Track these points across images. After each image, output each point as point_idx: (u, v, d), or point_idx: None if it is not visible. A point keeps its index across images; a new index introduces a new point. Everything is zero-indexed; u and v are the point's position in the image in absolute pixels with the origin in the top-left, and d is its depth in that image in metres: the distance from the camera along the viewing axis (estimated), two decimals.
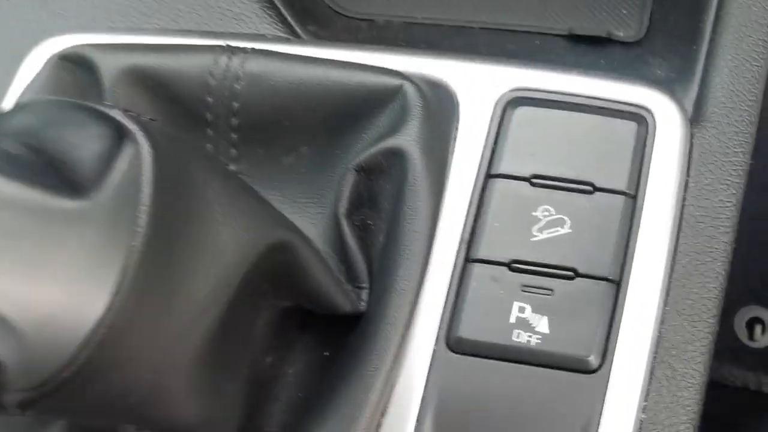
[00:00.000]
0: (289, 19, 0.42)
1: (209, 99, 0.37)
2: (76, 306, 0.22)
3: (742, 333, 0.92)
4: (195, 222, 0.26)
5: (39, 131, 0.23)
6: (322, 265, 0.33)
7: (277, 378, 0.37)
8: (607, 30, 0.46)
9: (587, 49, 0.47)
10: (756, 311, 0.92)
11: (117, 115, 0.24)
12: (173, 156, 0.25)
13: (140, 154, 0.23)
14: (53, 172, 0.22)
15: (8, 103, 0.40)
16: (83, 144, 0.23)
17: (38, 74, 0.39)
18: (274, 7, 0.42)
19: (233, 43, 0.38)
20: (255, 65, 0.37)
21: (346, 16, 0.49)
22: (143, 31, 0.42)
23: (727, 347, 0.91)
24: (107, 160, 0.23)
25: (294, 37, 0.42)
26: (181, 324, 0.26)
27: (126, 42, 0.39)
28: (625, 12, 0.48)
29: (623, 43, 0.47)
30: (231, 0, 0.42)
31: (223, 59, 0.37)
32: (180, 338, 0.27)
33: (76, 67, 0.38)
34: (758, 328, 0.92)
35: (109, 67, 0.37)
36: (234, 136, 0.38)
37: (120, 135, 0.24)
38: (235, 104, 0.37)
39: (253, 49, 0.37)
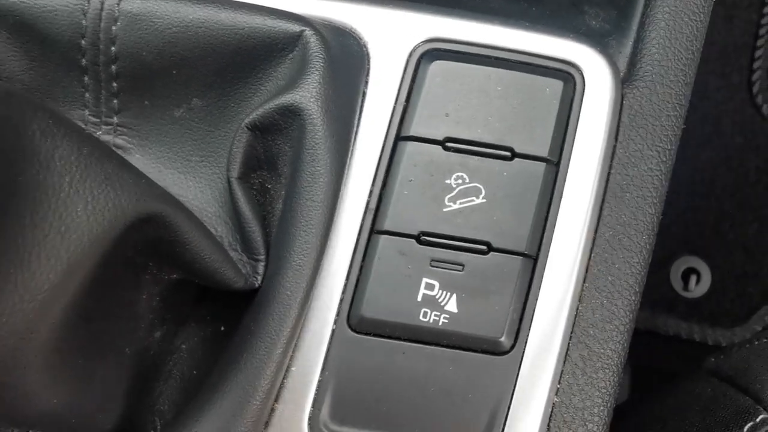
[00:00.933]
0: None
1: (83, 42, 0.32)
2: None
3: (677, 283, 0.92)
4: (35, 197, 0.22)
5: None
6: (206, 238, 0.29)
7: (170, 353, 0.34)
8: None
9: None
10: (692, 262, 0.92)
11: None
12: (7, 118, 0.21)
13: None
14: None
15: None
16: None
17: None
18: None
19: None
20: (133, 4, 0.32)
21: None
22: None
23: (662, 297, 0.92)
24: None
25: None
26: (23, 314, 0.23)
27: None
28: None
29: None
30: None
31: None
32: (23, 329, 0.23)
33: None
34: (693, 279, 0.92)
35: None
36: (115, 84, 0.34)
37: None
38: (113, 48, 0.33)
39: None
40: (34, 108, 0.23)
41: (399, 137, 0.33)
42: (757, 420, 0.42)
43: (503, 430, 0.31)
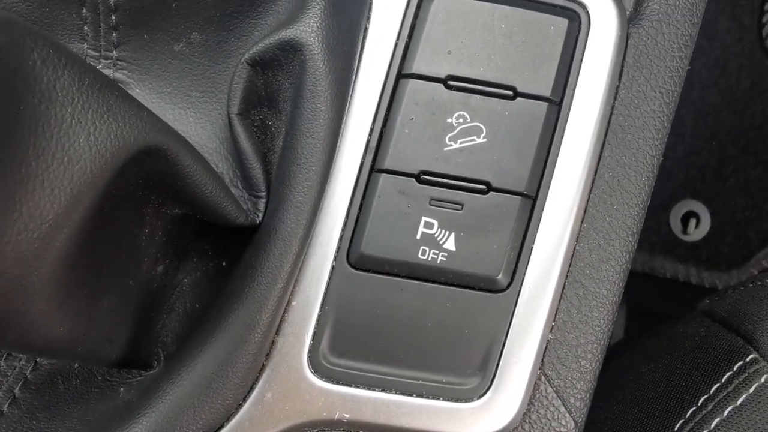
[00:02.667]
0: None
1: None
2: None
3: (676, 227, 0.93)
4: (37, 127, 0.22)
5: None
6: (207, 173, 0.29)
7: (172, 287, 0.34)
8: None
9: None
10: (692, 205, 0.92)
11: None
12: (6, 47, 0.21)
13: None
14: None
15: None
16: None
17: None
18: None
19: None
20: None
21: None
22: None
23: (660, 240, 0.92)
24: None
25: None
26: (27, 243, 0.23)
27: None
28: None
29: None
30: None
31: None
32: (28, 258, 0.23)
33: None
34: (692, 222, 0.93)
35: None
36: (114, 17, 0.33)
37: None
38: None
39: None
40: (35, 36, 0.23)
41: (401, 75, 0.33)
42: (747, 359, 0.43)
43: (498, 365, 0.31)
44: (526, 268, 0.32)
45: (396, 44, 0.33)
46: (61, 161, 0.23)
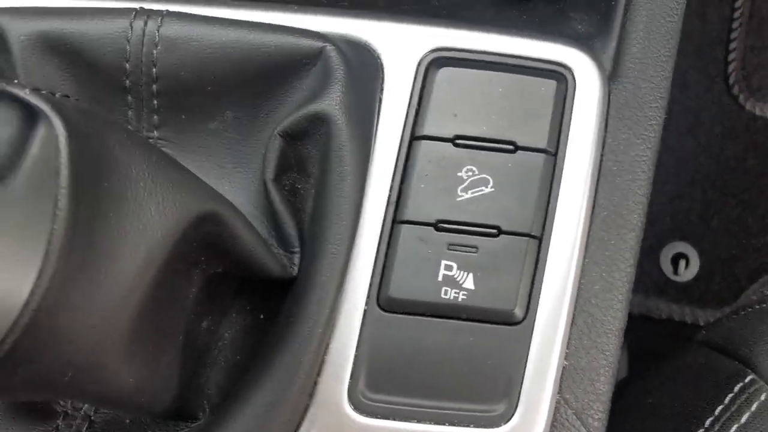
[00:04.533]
0: None
1: (127, 65, 0.36)
2: (1, 293, 0.22)
3: (667, 268, 0.97)
4: (118, 200, 0.26)
5: None
6: (252, 232, 0.33)
7: (215, 342, 0.37)
8: None
9: (509, 3, 0.47)
10: (680, 247, 0.96)
11: (27, 95, 0.23)
12: (91, 135, 0.25)
13: (54, 136, 0.23)
14: None
15: None
16: None
17: None
18: None
19: (147, 5, 0.37)
20: (172, 29, 0.36)
21: None
22: None
23: (654, 282, 0.96)
24: (19, 145, 0.22)
25: None
26: (111, 301, 0.26)
27: (34, 5, 0.37)
28: None
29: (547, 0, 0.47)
30: None
31: (139, 23, 0.36)
32: (111, 315, 0.27)
33: None
34: (682, 263, 0.97)
35: (18, 33, 0.36)
36: (155, 102, 0.37)
37: (31, 117, 0.23)
38: (155, 70, 0.36)
39: (168, 11, 0.36)
40: (112, 125, 0.27)
41: (413, 137, 0.37)
42: (746, 380, 0.47)
43: (520, 391, 0.35)
44: (539, 301, 0.35)
45: (407, 111, 0.37)
46: (137, 228, 0.26)
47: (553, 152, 0.37)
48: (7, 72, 0.36)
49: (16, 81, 0.25)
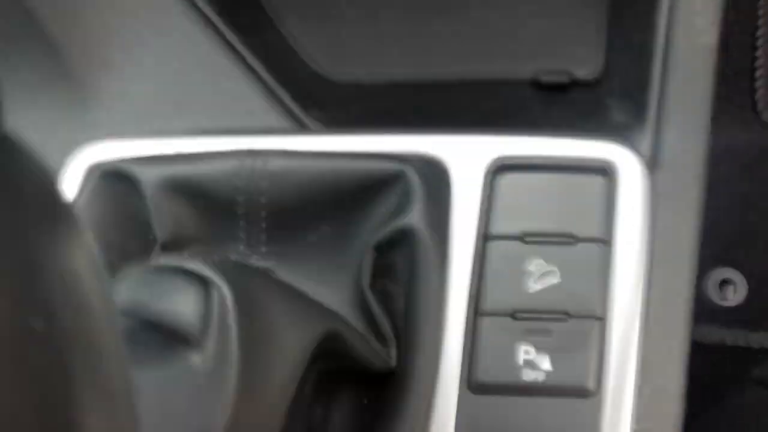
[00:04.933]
0: (292, 108, 0.48)
1: (239, 198, 0.43)
2: (205, 428, 0.28)
3: (715, 295, 1.00)
4: (267, 336, 0.32)
5: (146, 304, 0.29)
6: (360, 338, 0.39)
7: (327, 424, 0.43)
8: (568, 72, 0.53)
9: (552, 94, 0.53)
10: (725, 273, 1.00)
11: (202, 269, 0.30)
12: (245, 290, 0.31)
13: (224, 300, 0.30)
14: (171, 341, 0.28)
15: None
16: (187, 308, 0.29)
17: (82, 189, 0.44)
18: (279, 101, 0.48)
19: (252, 142, 0.44)
20: (276, 165, 0.43)
21: (335, 82, 0.55)
22: (168, 134, 0.47)
23: (703, 310, 1.00)
24: (206, 316, 0.29)
25: (300, 126, 0.48)
26: (267, 414, 0.33)
27: (159, 153, 0.44)
28: (582, 52, 0.55)
29: (583, 86, 0.53)
30: (243, 99, 0.47)
31: (248, 162, 0.43)
32: (266, 424, 0.33)
33: (118, 181, 0.44)
34: (730, 289, 1.00)
35: (149, 179, 0.43)
36: (264, 224, 0.44)
37: (208, 290, 0.30)
38: (263, 199, 0.43)
39: (271, 150, 0.43)
40: (253, 271, 0.33)
41: (486, 237, 0.43)
42: None
43: None
44: (608, 374, 0.41)
45: (479, 214, 0.43)
46: (281, 353, 0.33)
47: (608, 240, 0.42)
48: (141, 211, 0.43)
49: (186, 255, 0.31)
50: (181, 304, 0.29)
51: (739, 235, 1.01)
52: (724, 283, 1.00)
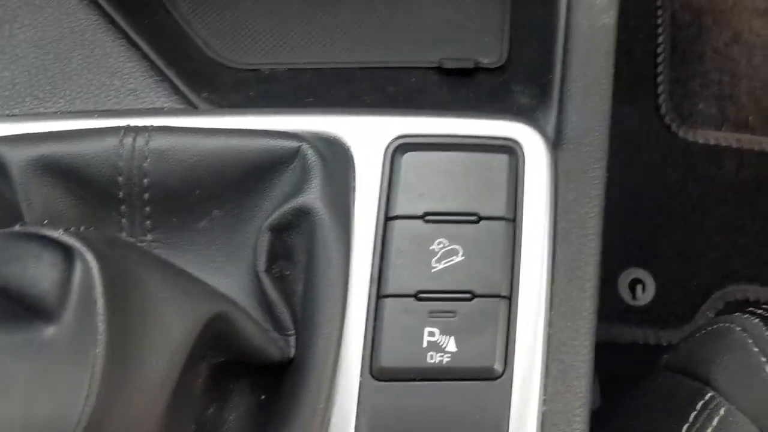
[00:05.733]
0: (182, 88, 0.45)
1: (120, 179, 0.40)
2: (58, 413, 0.24)
3: (626, 294, 1.02)
4: (144, 314, 0.29)
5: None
6: (253, 324, 0.36)
7: (221, 426, 0.40)
8: (473, 59, 0.52)
9: (457, 79, 0.52)
10: (636, 273, 1.02)
11: (62, 236, 0.27)
12: (116, 262, 0.28)
13: (90, 271, 0.26)
14: (18, 308, 0.24)
15: None
16: (41, 274, 0.25)
17: None
18: (167, 80, 0.45)
19: (134, 122, 0.41)
20: (159, 142, 0.40)
21: (232, 68, 0.52)
22: (42, 116, 0.43)
23: (614, 309, 1.01)
24: (65, 283, 0.26)
25: (190, 107, 0.45)
26: (143, 408, 0.29)
27: (29, 132, 0.40)
28: (486, 40, 0.54)
29: (488, 71, 0.52)
30: (124, 77, 0.44)
31: (128, 140, 0.39)
32: (144, 420, 0.30)
33: None
34: (639, 288, 1.02)
35: (17, 159, 0.39)
36: (147, 209, 0.41)
37: (70, 258, 0.26)
38: (146, 180, 0.40)
39: (155, 126, 0.40)
40: (128, 247, 0.30)
41: (387, 218, 0.41)
42: (707, 397, 0.51)
43: None
44: (515, 355, 0.39)
45: (380, 194, 0.41)
46: (161, 335, 0.29)
47: (512, 218, 0.41)
48: (8, 195, 0.39)
49: (45, 222, 0.28)
50: (33, 269, 0.26)
51: (648, 237, 1.03)
52: (635, 282, 1.03)
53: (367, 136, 0.42)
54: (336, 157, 0.41)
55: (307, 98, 0.48)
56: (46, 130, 0.41)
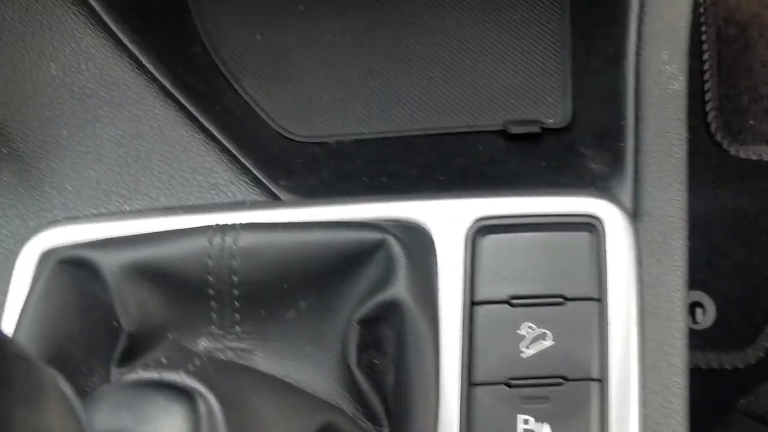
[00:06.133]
0: (261, 178, 0.46)
1: (210, 278, 0.40)
2: None
3: (687, 319, 1.00)
4: None
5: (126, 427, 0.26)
6: (354, 425, 0.37)
7: None
8: (539, 122, 0.52)
9: (524, 143, 0.52)
10: (695, 296, 1.00)
11: (186, 381, 0.27)
12: (234, 395, 0.29)
13: (213, 414, 0.27)
14: None
15: (10, 308, 0.42)
16: (171, 430, 0.26)
17: (37, 279, 0.41)
18: (247, 172, 0.45)
19: (220, 218, 0.41)
20: (247, 240, 0.40)
21: (300, 142, 0.53)
22: (129, 215, 0.44)
23: None
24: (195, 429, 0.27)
25: (271, 199, 0.46)
26: None
27: (119, 233, 0.41)
28: (550, 100, 0.54)
29: (553, 132, 0.52)
30: (205, 171, 0.45)
31: (217, 240, 0.40)
32: None
33: (76, 268, 0.40)
34: (699, 312, 1.01)
35: (110, 265, 0.40)
36: (237, 304, 0.41)
37: (195, 408, 0.27)
38: (235, 278, 0.40)
39: (242, 224, 0.41)
40: (237, 371, 0.31)
41: (472, 303, 0.41)
42: None
43: None
44: None
45: (464, 279, 0.41)
46: None
47: (599, 297, 0.41)
48: (102, 297, 0.40)
49: (164, 360, 0.29)
50: (168, 427, 0.27)
51: (706, 258, 1.02)
52: (694, 306, 1.01)
53: (447, 220, 0.42)
54: (418, 244, 0.42)
55: (379, 176, 0.49)
56: (135, 230, 0.42)
